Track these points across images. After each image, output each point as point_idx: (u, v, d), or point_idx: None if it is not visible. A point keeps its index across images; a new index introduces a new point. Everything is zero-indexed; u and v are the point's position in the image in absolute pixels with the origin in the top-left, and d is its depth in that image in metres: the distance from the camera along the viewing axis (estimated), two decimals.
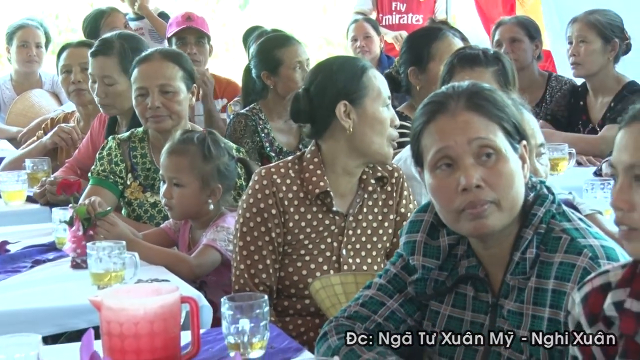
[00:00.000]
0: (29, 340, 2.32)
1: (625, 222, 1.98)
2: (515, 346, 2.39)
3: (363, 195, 3.32)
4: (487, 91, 2.44)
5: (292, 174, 3.26)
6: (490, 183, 2.34)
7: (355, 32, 7.48)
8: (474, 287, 2.48)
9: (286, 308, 3.29)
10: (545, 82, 5.89)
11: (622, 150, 2.00)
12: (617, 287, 2.09)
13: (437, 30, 5.00)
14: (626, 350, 2.07)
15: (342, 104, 3.21)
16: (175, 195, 3.65)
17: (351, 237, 3.30)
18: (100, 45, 4.75)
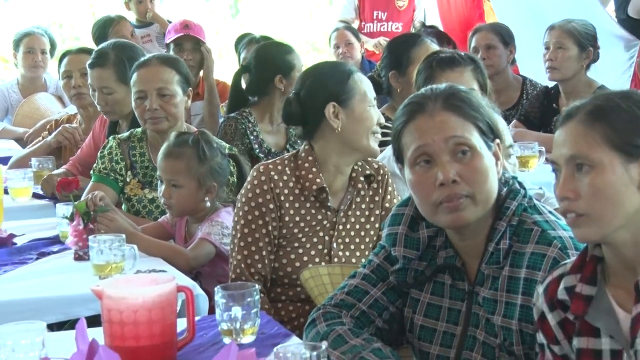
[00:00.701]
0: (35, 327, 2.32)
1: (573, 209, 2.01)
2: (489, 330, 2.40)
3: (353, 192, 3.32)
4: (463, 93, 2.45)
5: (288, 172, 3.26)
6: (465, 178, 2.35)
7: (337, 40, 7.49)
8: (451, 276, 2.49)
9: (279, 295, 3.29)
10: (521, 86, 5.89)
11: (561, 145, 2.04)
12: (569, 273, 2.12)
13: (416, 37, 5.02)
14: (580, 330, 2.09)
15: (331, 105, 3.22)
16: (174, 195, 3.65)
17: (341, 231, 3.30)
18: (97, 57, 4.73)
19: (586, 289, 2.08)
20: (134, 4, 7.61)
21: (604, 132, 2.01)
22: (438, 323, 2.50)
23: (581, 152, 2.00)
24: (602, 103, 2.05)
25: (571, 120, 2.05)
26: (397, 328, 2.59)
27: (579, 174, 2.00)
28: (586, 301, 2.07)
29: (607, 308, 2.06)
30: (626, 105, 2.04)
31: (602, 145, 2.01)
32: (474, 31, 6.06)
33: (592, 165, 2.00)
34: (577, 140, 2.01)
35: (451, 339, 2.48)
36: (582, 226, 2.01)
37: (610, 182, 2.00)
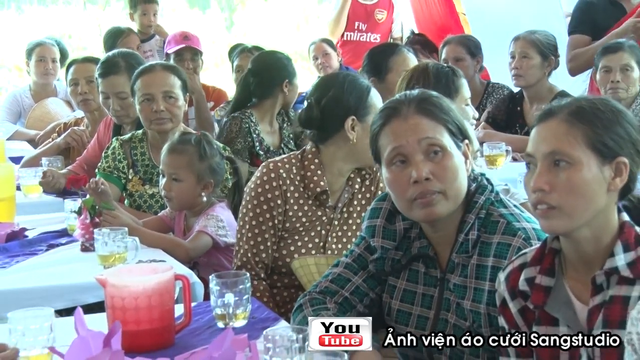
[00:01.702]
0: (43, 313, 2.31)
1: (545, 201, 2.00)
2: (460, 314, 2.40)
3: (350, 191, 3.31)
4: (434, 98, 2.45)
5: (295, 170, 3.24)
6: (437, 176, 2.35)
7: (315, 52, 7.50)
8: (425, 264, 2.49)
9: (275, 282, 3.28)
10: (484, 90, 5.90)
11: (542, 141, 2.03)
12: (530, 265, 2.12)
13: (395, 47, 5.05)
14: (540, 318, 2.09)
15: (351, 118, 3.19)
16: (174, 188, 3.65)
17: (336, 226, 3.29)
18: (108, 66, 4.71)
19: (545, 280, 2.08)
20: (137, 16, 7.59)
21: (585, 132, 2.01)
22: (413, 307, 2.50)
23: (562, 149, 2.00)
24: (585, 105, 2.04)
25: (552, 118, 2.04)
26: (377, 313, 2.58)
27: (555, 168, 2.00)
28: (545, 292, 2.08)
29: (565, 299, 2.06)
30: (605, 110, 2.04)
31: (582, 145, 2.00)
32: (444, 43, 6.05)
33: (571, 162, 1.99)
34: (559, 137, 2.01)
35: (425, 322, 2.48)
36: (551, 218, 2.01)
37: (586, 180, 2.00)
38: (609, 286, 1.99)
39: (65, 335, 2.27)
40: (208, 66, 10.95)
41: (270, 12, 13.76)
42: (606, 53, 5.04)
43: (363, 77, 3.43)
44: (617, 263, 1.99)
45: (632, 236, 2.02)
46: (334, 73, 3.59)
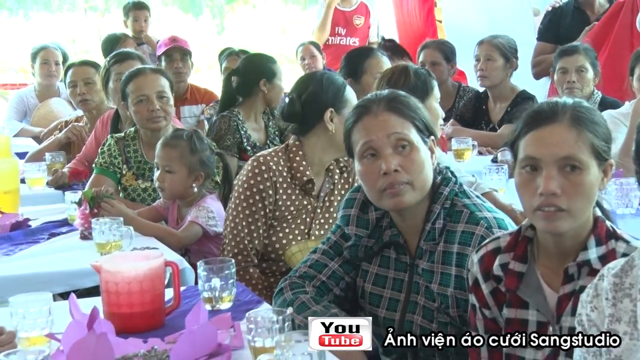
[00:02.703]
0: (43, 297, 2.30)
1: (556, 204, 1.95)
2: (428, 296, 2.41)
3: (330, 181, 3.31)
4: (402, 97, 2.45)
5: (282, 162, 3.23)
6: (405, 168, 2.35)
7: (303, 53, 7.48)
8: (395, 251, 2.49)
9: (264, 269, 3.27)
10: (456, 92, 5.89)
11: (549, 146, 1.96)
12: (504, 251, 2.10)
13: (370, 50, 5.07)
14: (511, 301, 2.08)
15: (329, 111, 3.19)
16: (167, 180, 3.64)
17: (319, 214, 3.29)
18: (121, 55, 4.87)
19: (518, 266, 2.07)
20: (130, 22, 7.58)
21: (589, 138, 1.98)
22: (384, 290, 2.50)
23: (576, 155, 1.95)
24: (584, 113, 2.00)
25: (555, 123, 1.98)
26: (352, 296, 2.59)
27: (564, 172, 1.95)
28: (518, 277, 2.06)
29: (536, 285, 2.05)
30: (597, 116, 2.03)
31: (588, 150, 1.98)
32: (422, 47, 6.03)
33: (582, 167, 1.96)
34: (571, 143, 1.96)
35: (396, 304, 2.48)
36: (558, 220, 1.96)
37: (592, 183, 1.98)
38: (579, 277, 1.98)
39: (64, 317, 2.25)
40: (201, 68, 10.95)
41: (258, 18, 13.78)
42: (563, 55, 5.05)
43: (339, 76, 3.44)
44: (590, 256, 1.98)
45: (604, 231, 2.01)
46: (313, 72, 3.61)
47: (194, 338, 2.07)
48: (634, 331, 1.67)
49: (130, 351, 2.16)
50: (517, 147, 2.04)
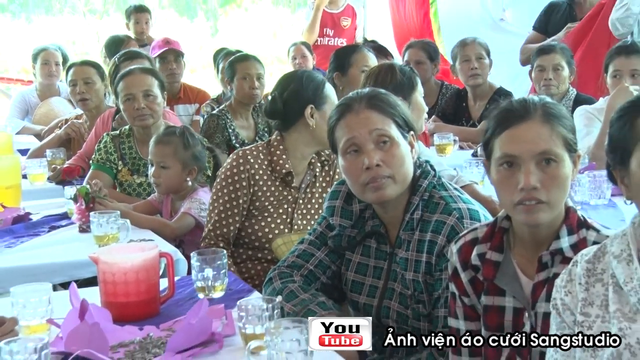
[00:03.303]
0: (43, 287, 2.29)
1: (537, 197, 1.95)
2: (404, 284, 2.41)
3: (311, 174, 3.31)
4: (382, 95, 2.44)
5: (262, 157, 3.23)
6: (386, 162, 2.35)
7: (295, 53, 7.48)
8: (376, 240, 2.49)
9: (250, 257, 3.27)
10: (439, 90, 5.89)
11: (526, 143, 1.96)
12: (481, 242, 2.10)
13: (356, 47, 5.12)
14: (488, 289, 2.09)
15: (310, 107, 3.20)
16: (162, 175, 3.64)
17: (301, 204, 3.29)
18: (130, 53, 4.90)
19: (495, 256, 2.07)
20: (132, 24, 7.59)
21: (560, 131, 1.99)
22: (365, 278, 2.50)
23: (551, 149, 1.96)
24: (553, 109, 2.01)
25: (528, 120, 1.98)
26: (338, 283, 2.59)
27: (540, 166, 1.96)
28: (495, 266, 2.07)
29: (512, 273, 2.05)
30: (565, 110, 2.04)
31: (561, 143, 1.99)
32: (407, 47, 6.02)
33: (557, 160, 1.97)
34: (546, 138, 1.97)
35: (375, 291, 2.49)
36: (538, 212, 1.96)
37: (567, 174, 1.99)
38: (553, 265, 1.99)
39: (62, 306, 2.27)
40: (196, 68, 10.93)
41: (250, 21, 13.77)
42: (540, 54, 5.05)
43: (319, 74, 3.45)
44: (562, 245, 1.99)
45: (575, 221, 2.02)
46: (293, 70, 3.62)
47: (191, 329, 2.07)
48: (606, 314, 1.67)
49: (127, 338, 2.17)
50: (492, 146, 2.03)
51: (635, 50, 4.28)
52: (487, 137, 2.06)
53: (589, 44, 5.85)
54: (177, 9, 14.17)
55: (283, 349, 1.86)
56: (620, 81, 4.15)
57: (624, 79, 4.18)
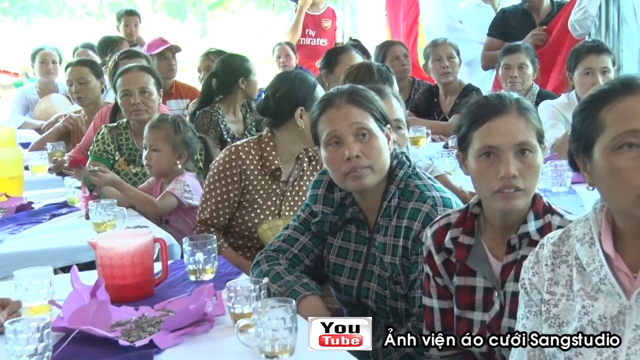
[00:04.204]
0: (44, 271, 2.28)
1: (515, 185, 1.95)
2: (382, 266, 2.41)
3: (300, 169, 3.30)
4: (361, 90, 2.44)
5: (253, 152, 3.22)
6: (365, 154, 2.35)
7: (279, 52, 7.45)
8: (356, 226, 2.49)
9: (240, 246, 3.26)
10: (411, 86, 5.88)
11: (505, 135, 1.97)
12: (454, 226, 2.11)
13: (345, 48, 5.16)
14: (461, 270, 2.09)
15: (300, 109, 3.17)
16: (154, 157, 3.62)
17: (288, 197, 3.28)
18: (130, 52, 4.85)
19: (466, 239, 2.08)
20: (122, 27, 7.58)
21: (534, 124, 2.00)
22: (346, 261, 2.50)
23: (528, 140, 1.97)
24: (525, 103, 2.02)
25: (505, 114, 1.98)
26: (320, 266, 2.59)
27: (518, 156, 1.96)
28: (467, 249, 2.07)
29: (482, 255, 2.06)
30: (533, 105, 2.06)
31: (534, 134, 2.00)
32: (387, 45, 5.99)
33: (532, 150, 1.98)
34: (522, 130, 1.97)
35: (355, 273, 2.49)
36: (515, 199, 1.97)
37: (540, 164, 2.00)
38: (520, 247, 2.00)
39: (63, 288, 2.25)
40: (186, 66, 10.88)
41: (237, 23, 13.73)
42: (507, 53, 5.06)
43: (312, 76, 3.43)
44: (529, 229, 1.99)
45: (541, 206, 2.03)
46: (287, 71, 3.62)
47: (187, 313, 2.07)
48: (570, 293, 1.68)
49: (124, 317, 2.17)
50: (469, 139, 2.03)
51: (605, 50, 4.31)
52: (463, 131, 2.05)
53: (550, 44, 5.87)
54: (169, 12, 14.13)
55: (269, 327, 1.85)
56: (592, 78, 4.17)
57: (595, 76, 4.19)
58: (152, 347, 1.95)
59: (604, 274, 1.61)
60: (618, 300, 1.60)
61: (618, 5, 5.57)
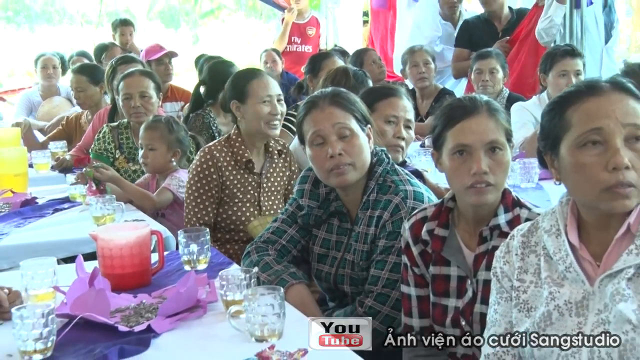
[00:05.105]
0: (48, 261, 2.27)
1: (486, 180, 1.96)
2: (355, 254, 2.42)
3: (270, 161, 3.30)
4: (343, 93, 2.45)
5: (225, 150, 3.23)
6: (348, 152, 2.36)
7: (266, 58, 7.44)
8: (339, 219, 2.50)
9: (227, 239, 3.25)
10: None
11: (477, 134, 1.97)
12: (430, 219, 2.11)
13: (328, 54, 5.15)
14: (436, 260, 2.10)
15: (233, 102, 3.25)
16: (150, 156, 3.62)
17: (265, 188, 3.28)
18: (127, 57, 4.82)
19: (441, 232, 2.08)
20: (117, 36, 7.57)
21: (503, 124, 2.01)
22: (329, 251, 2.51)
23: (498, 139, 1.98)
24: (495, 105, 2.03)
25: (476, 115, 1.99)
26: (307, 256, 2.59)
27: (489, 154, 1.97)
28: (442, 241, 2.08)
29: (456, 246, 2.07)
30: (503, 107, 2.08)
31: (503, 133, 2.01)
32: (362, 52, 5.99)
33: (502, 148, 1.99)
34: (493, 129, 1.98)
35: (334, 261, 2.50)
36: (487, 193, 1.97)
37: (509, 160, 2.01)
38: (491, 238, 2.00)
39: (66, 277, 2.24)
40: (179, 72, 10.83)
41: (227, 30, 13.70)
42: (479, 59, 5.08)
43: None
44: (500, 221, 2.00)
45: (510, 200, 2.03)
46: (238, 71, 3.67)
47: (179, 297, 2.06)
48: (538, 280, 1.68)
49: (123, 304, 2.16)
50: (443, 139, 2.03)
51: (578, 54, 4.36)
52: (438, 131, 2.06)
53: (517, 50, 5.89)
54: (163, 20, 14.08)
55: (259, 313, 1.85)
56: (567, 79, 4.20)
57: (569, 78, 4.22)
58: (150, 332, 1.94)
59: (569, 263, 1.62)
60: (582, 286, 1.61)
61: (581, 15, 5.61)
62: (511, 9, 6.16)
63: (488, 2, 6.05)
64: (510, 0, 6.43)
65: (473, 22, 6.22)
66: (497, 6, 6.05)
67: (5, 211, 3.44)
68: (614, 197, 1.56)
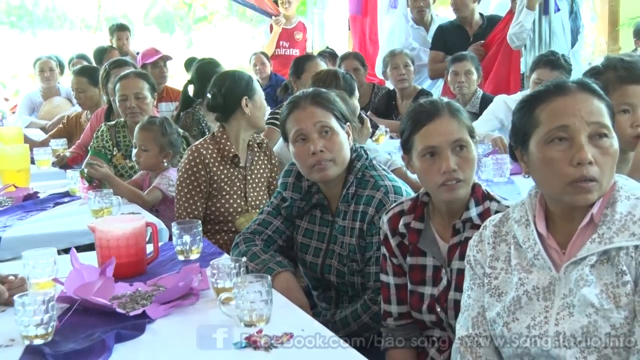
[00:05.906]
0: (49, 251, 2.26)
1: (456, 177, 1.96)
2: (342, 246, 2.43)
3: (253, 154, 3.30)
4: (324, 93, 2.45)
5: (211, 147, 3.22)
6: (328, 148, 2.36)
7: (255, 61, 7.42)
8: (321, 211, 2.51)
9: (217, 231, 3.25)
10: (371, 90, 5.89)
11: (442, 135, 1.97)
12: (406, 213, 2.12)
13: (311, 56, 5.10)
14: (413, 251, 2.11)
15: (244, 98, 3.22)
16: (142, 156, 3.61)
17: (250, 181, 3.28)
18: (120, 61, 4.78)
19: (417, 224, 2.09)
20: (114, 40, 7.53)
21: (465, 122, 2.01)
22: (311, 241, 2.51)
23: (463, 137, 1.98)
24: (455, 105, 2.03)
25: (440, 117, 1.99)
26: (292, 246, 2.58)
27: (455, 152, 1.97)
28: (418, 233, 2.09)
29: (431, 238, 2.07)
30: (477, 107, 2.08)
31: (466, 131, 2.01)
32: (342, 58, 5.97)
33: (467, 145, 1.99)
34: (456, 129, 1.98)
35: (319, 252, 2.50)
36: (458, 189, 1.98)
37: (475, 156, 2.02)
38: (464, 230, 2.01)
39: (66, 267, 2.23)
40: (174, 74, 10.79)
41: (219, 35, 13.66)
42: (454, 61, 5.09)
43: (245, 73, 3.47)
44: (471, 214, 2.01)
45: (480, 194, 2.04)
46: (224, 71, 3.62)
47: (176, 288, 2.06)
48: (508, 267, 1.69)
49: (120, 292, 2.15)
50: (412, 142, 2.03)
51: (559, 65, 4.32)
52: (406, 135, 2.06)
53: (494, 53, 5.91)
54: (159, 25, 14.02)
55: (248, 299, 1.86)
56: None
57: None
58: (145, 318, 1.94)
59: (537, 251, 1.63)
60: (549, 273, 1.62)
61: (549, 20, 5.64)
62: (482, 15, 6.18)
63: (460, 8, 6.07)
64: (483, 7, 6.46)
65: (446, 27, 6.24)
66: (468, 12, 6.07)
67: (8, 205, 3.42)
68: (577, 191, 1.57)
